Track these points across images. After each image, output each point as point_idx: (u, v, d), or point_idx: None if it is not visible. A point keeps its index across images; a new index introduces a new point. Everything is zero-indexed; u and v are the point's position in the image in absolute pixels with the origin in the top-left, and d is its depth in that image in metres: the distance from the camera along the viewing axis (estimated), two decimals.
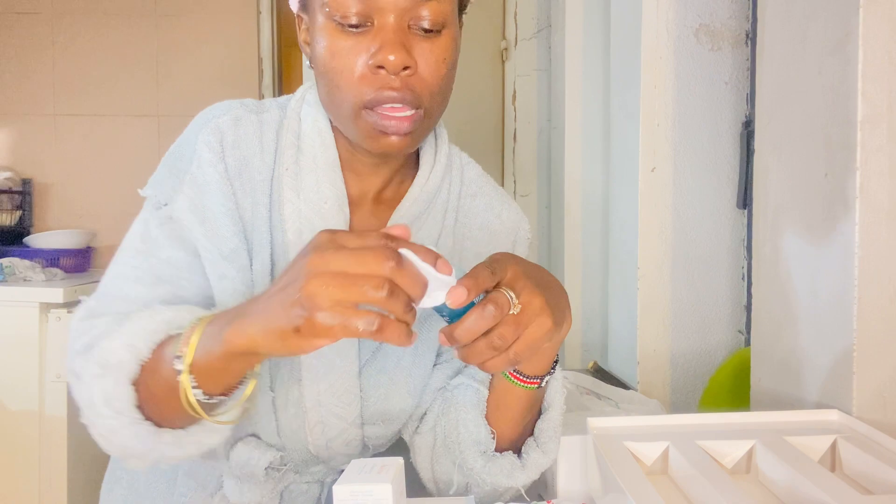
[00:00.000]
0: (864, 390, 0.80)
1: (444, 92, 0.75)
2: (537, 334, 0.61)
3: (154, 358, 0.68)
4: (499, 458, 0.77)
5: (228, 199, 0.77)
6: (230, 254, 0.77)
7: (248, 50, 2.74)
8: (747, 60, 1.45)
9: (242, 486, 0.82)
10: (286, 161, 0.79)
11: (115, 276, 0.78)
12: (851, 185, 0.80)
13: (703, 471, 0.64)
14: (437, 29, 0.72)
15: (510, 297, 0.59)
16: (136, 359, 0.67)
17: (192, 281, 0.77)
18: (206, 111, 0.81)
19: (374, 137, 0.73)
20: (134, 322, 0.69)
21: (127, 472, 0.89)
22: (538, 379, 0.73)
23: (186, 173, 0.77)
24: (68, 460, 2.02)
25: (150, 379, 0.67)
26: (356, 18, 0.70)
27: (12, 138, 2.69)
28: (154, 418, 0.69)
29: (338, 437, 0.82)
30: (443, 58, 0.73)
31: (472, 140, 2.66)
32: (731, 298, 1.48)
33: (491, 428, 0.78)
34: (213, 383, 0.65)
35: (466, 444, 0.78)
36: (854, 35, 0.79)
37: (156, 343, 0.68)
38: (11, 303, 1.99)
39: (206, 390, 0.64)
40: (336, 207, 0.79)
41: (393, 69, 0.69)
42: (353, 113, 0.72)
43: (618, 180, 1.63)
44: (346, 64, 0.71)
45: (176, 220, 0.77)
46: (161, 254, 0.77)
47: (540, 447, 0.78)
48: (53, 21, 2.68)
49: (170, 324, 0.69)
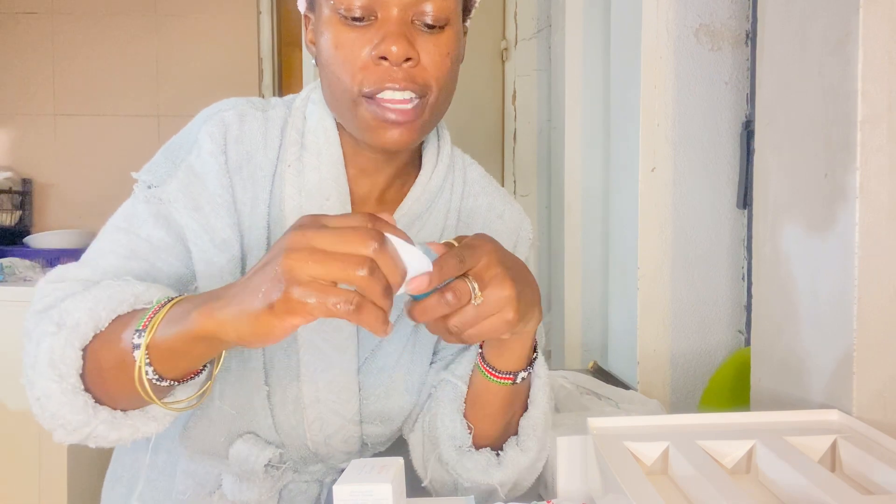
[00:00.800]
0: (864, 390, 0.80)
1: (448, 86, 0.75)
2: (496, 325, 0.62)
3: (111, 329, 0.66)
4: (474, 453, 0.78)
5: (226, 190, 0.77)
6: (221, 244, 0.77)
7: (248, 50, 2.74)
8: (747, 60, 1.45)
9: (241, 485, 0.82)
10: (289, 157, 0.79)
11: (92, 249, 0.78)
12: (851, 185, 0.80)
13: (703, 471, 0.64)
14: (440, 25, 0.72)
15: (472, 289, 0.61)
16: (93, 324, 0.65)
17: (167, 262, 0.77)
18: (212, 106, 0.81)
19: (374, 130, 0.73)
20: (101, 289, 0.68)
21: (127, 471, 0.89)
22: (512, 375, 0.74)
23: (183, 161, 0.78)
24: (68, 460, 2.02)
25: (102, 349, 0.65)
26: (360, 11, 0.70)
27: (12, 138, 2.69)
28: (94, 392, 0.66)
29: (336, 434, 0.82)
30: (446, 52, 0.73)
31: (472, 140, 2.66)
32: (731, 298, 1.48)
33: (469, 423, 0.78)
34: (170, 366, 0.62)
35: (442, 439, 0.79)
36: (854, 35, 0.79)
37: (117, 314, 0.66)
38: (11, 303, 1.99)
39: (160, 372, 0.62)
40: (339, 205, 0.79)
41: (395, 60, 0.69)
42: (353, 103, 0.72)
43: (618, 180, 1.63)
44: (349, 55, 0.71)
45: (164, 202, 0.77)
46: (142, 231, 0.77)
47: (519, 445, 0.78)
48: (53, 21, 2.68)
49: (137, 297, 0.67)
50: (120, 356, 0.63)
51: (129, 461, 0.89)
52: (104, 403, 0.67)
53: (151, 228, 0.77)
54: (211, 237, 0.77)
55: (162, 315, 0.62)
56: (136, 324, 0.62)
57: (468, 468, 0.77)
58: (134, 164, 0.83)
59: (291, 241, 0.54)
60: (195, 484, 0.85)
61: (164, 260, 0.76)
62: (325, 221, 0.56)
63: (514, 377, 0.74)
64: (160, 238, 0.76)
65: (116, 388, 0.65)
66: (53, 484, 2.02)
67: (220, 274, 0.77)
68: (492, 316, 0.62)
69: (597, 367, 1.80)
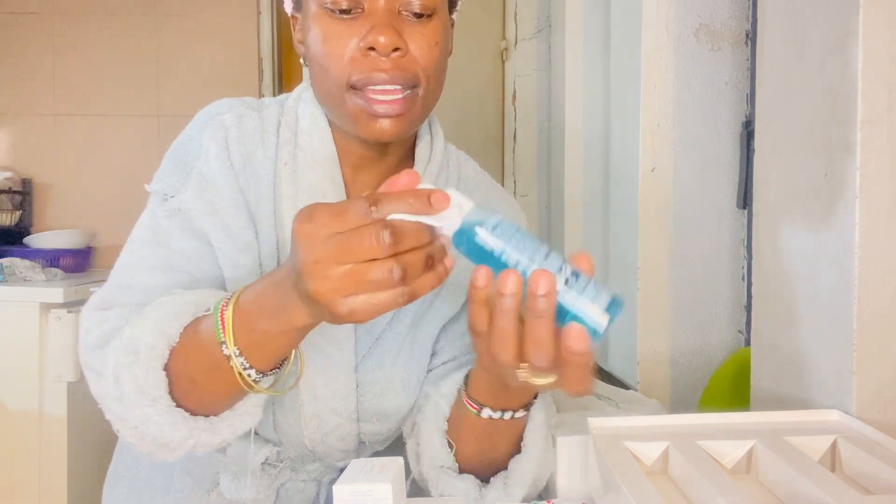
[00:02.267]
0: (864, 390, 0.80)
1: (438, 76, 0.75)
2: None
3: (185, 341, 0.66)
4: (454, 478, 0.76)
5: (237, 192, 0.78)
6: (244, 247, 0.77)
7: (248, 50, 2.74)
8: (747, 60, 1.45)
9: (238, 483, 0.82)
10: (284, 157, 0.79)
11: (126, 266, 0.78)
12: (851, 185, 0.80)
13: (703, 471, 0.64)
14: (427, 13, 0.72)
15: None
16: (166, 342, 0.66)
17: (203, 270, 0.77)
18: (208, 108, 0.81)
19: (364, 122, 0.72)
20: (158, 307, 0.68)
21: (128, 470, 0.90)
22: (480, 407, 0.71)
23: (193, 168, 0.78)
24: (68, 460, 2.02)
25: (188, 361, 0.66)
26: (346, 4, 0.71)
27: (12, 138, 2.69)
28: (186, 405, 0.67)
29: (333, 432, 0.83)
30: (434, 41, 0.73)
31: (472, 140, 2.65)
32: (731, 298, 1.47)
33: (452, 443, 0.76)
34: (264, 360, 0.63)
35: (424, 457, 0.78)
36: (854, 35, 0.79)
37: (183, 325, 0.67)
38: (11, 303, 1.99)
39: (258, 368, 0.63)
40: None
41: (383, 50, 0.69)
42: (341, 95, 0.72)
43: (618, 180, 1.63)
44: (336, 48, 0.71)
45: (184, 212, 0.77)
46: (172, 244, 0.77)
47: (507, 486, 0.76)
48: (53, 21, 2.68)
49: (196, 305, 0.68)
50: (209, 362, 0.64)
51: (130, 460, 0.90)
52: (198, 412, 0.68)
53: (180, 240, 0.77)
54: (233, 241, 0.77)
55: (229, 318, 0.62)
56: (216, 334, 0.62)
57: (448, 493, 0.76)
58: (134, 164, 0.83)
59: (309, 271, 0.53)
60: (193, 482, 0.85)
61: (200, 269, 0.77)
62: (326, 228, 0.52)
63: (479, 410, 0.71)
64: (192, 248, 0.77)
65: (209, 394, 0.67)
66: (53, 484, 2.02)
67: (247, 276, 0.77)
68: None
69: (597, 367, 1.80)
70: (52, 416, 2.01)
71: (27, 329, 1.99)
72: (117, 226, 2.67)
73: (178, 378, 0.67)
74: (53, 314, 2.00)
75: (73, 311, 2.00)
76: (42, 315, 2.00)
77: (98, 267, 2.62)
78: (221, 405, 0.69)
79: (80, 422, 2.06)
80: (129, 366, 0.66)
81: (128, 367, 0.66)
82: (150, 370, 0.65)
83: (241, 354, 0.62)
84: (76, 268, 2.44)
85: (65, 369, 1.99)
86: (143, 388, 0.65)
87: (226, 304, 0.63)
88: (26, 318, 1.99)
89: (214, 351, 0.63)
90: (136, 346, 0.66)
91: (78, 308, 2.01)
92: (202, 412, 0.68)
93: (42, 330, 2.00)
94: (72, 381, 2.00)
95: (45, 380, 2.01)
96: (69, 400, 2.01)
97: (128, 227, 0.81)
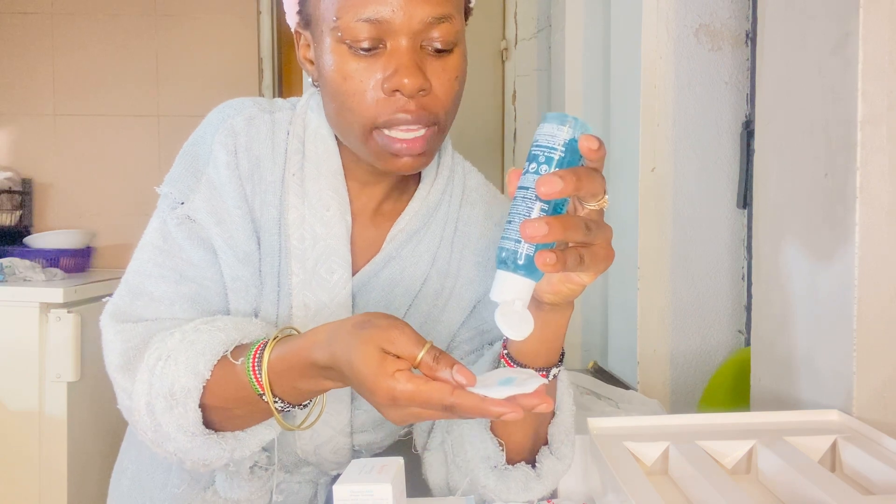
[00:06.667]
0: (864, 390, 0.80)
1: (456, 107, 0.75)
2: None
3: (218, 375, 0.70)
4: (511, 471, 0.74)
5: (243, 201, 0.78)
6: (244, 257, 0.78)
7: (248, 50, 2.74)
8: (747, 60, 1.45)
9: (232, 482, 0.82)
10: (292, 167, 0.79)
11: (137, 273, 0.79)
12: (851, 185, 0.80)
13: (703, 471, 0.64)
14: (448, 48, 0.71)
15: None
16: (199, 381, 0.70)
17: (213, 279, 0.78)
18: (220, 109, 0.81)
19: (385, 159, 0.73)
20: (187, 346, 0.71)
21: (133, 464, 0.92)
22: (545, 371, 0.69)
23: (203, 174, 0.78)
24: (68, 460, 2.02)
25: (218, 396, 0.70)
26: (368, 43, 0.69)
27: (12, 138, 2.69)
28: (221, 428, 0.73)
29: (326, 445, 0.83)
30: (454, 76, 0.72)
31: (473, 140, 2.66)
32: (731, 298, 1.48)
33: (499, 439, 0.75)
34: (298, 401, 0.70)
35: (475, 462, 0.75)
36: (854, 35, 0.79)
37: (214, 363, 0.70)
38: (11, 303, 1.99)
39: (288, 401, 0.69)
40: (338, 215, 0.79)
41: (410, 92, 0.68)
42: (364, 135, 0.72)
43: (618, 180, 1.63)
44: (359, 87, 0.70)
45: (194, 221, 0.78)
46: (182, 254, 0.78)
47: (554, 454, 0.75)
48: (53, 21, 2.68)
49: (227, 344, 0.71)
50: (243, 395, 0.69)
51: (135, 454, 0.91)
52: (228, 428, 0.73)
53: (190, 250, 0.78)
54: (234, 252, 0.78)
55: (266, 380, 0.67)
56: (253, 386, 0.68)
57: (510, 489, 0.74)
58: (134, 164, 0.84)
59: (384, 402, 0.60)
60: (190, 479, 0.85)
61: (209, 278, 0.78)
62: (404, 398, 0.58)
63: (547, 373, 0.69)
64: (201, 258, 0.78)
65: (241, 419, 0.73)
66: (53, 484, 2.02)
67: (246, 288, 0.79)
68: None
69: (597, 367, 1.81)
70: (52, 416, 2.01)
71: (27, 329, 1.99)
72: (117, 226, 2.69)
73: (212, 409, 0.71)
74: (53, 314, 2.00)
75: (73, 311, 2.00)
76: (42, 315, 2.00)
77: (98, 267, 2.61)
78: (250, 424, 0.74)
79: (80, 422, 2.05)
80: (169, 410, 0.70)
81: (168, 411, 0.70)
82: (188, 410, 0.70)
83: (278, 400, 0.68)
84: (76, 268, 2.44)
85: (65, 369, 1.99)
86: (183, 426, 0.70)
87: (256, 363, 0.68)
88: (26, 318, 1.98)
89: (249, 392, 0.68)
90: (172, 389, 0.70)
91: (78, 308, 2.01)
92: (230, 428, 0.73)
93: (42, 330, 2.00)
94: (72, 381, 2.00)
95: (45, 380, 2.00)
96: (69, 400, 2.01)
97: (128, 227, 0.81)
